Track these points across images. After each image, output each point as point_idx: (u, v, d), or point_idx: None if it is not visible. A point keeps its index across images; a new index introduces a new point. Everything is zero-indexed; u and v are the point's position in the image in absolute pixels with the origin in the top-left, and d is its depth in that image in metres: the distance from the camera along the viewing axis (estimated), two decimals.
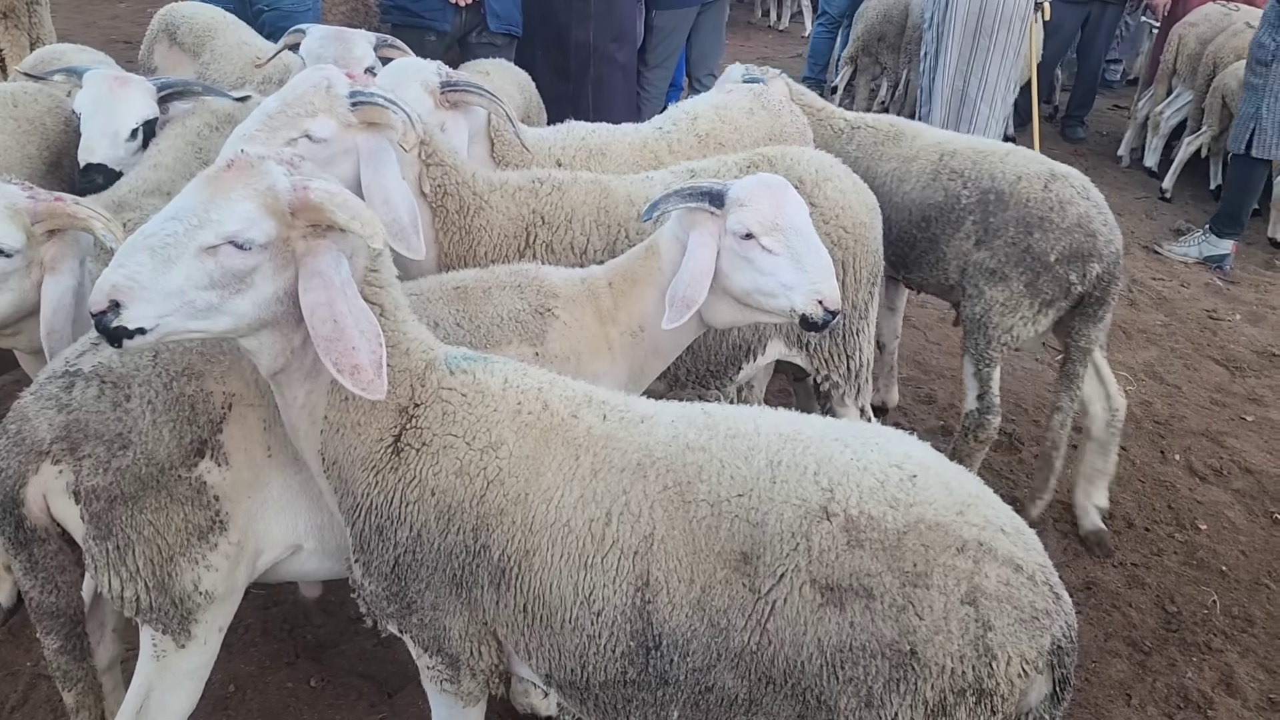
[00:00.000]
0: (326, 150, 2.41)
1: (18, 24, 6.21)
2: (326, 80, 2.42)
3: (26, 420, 1.97)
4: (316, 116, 2.39)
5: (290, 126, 2.37)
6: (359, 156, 2.44)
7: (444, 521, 1.87)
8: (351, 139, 2.44)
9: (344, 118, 2.42)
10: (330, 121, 2.40)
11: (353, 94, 2.43)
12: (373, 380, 1.76)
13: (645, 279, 2.47)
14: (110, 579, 2.01)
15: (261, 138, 2.34)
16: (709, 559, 1.72)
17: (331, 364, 1.74)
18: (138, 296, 1.69)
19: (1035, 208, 3.52)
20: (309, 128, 2.39)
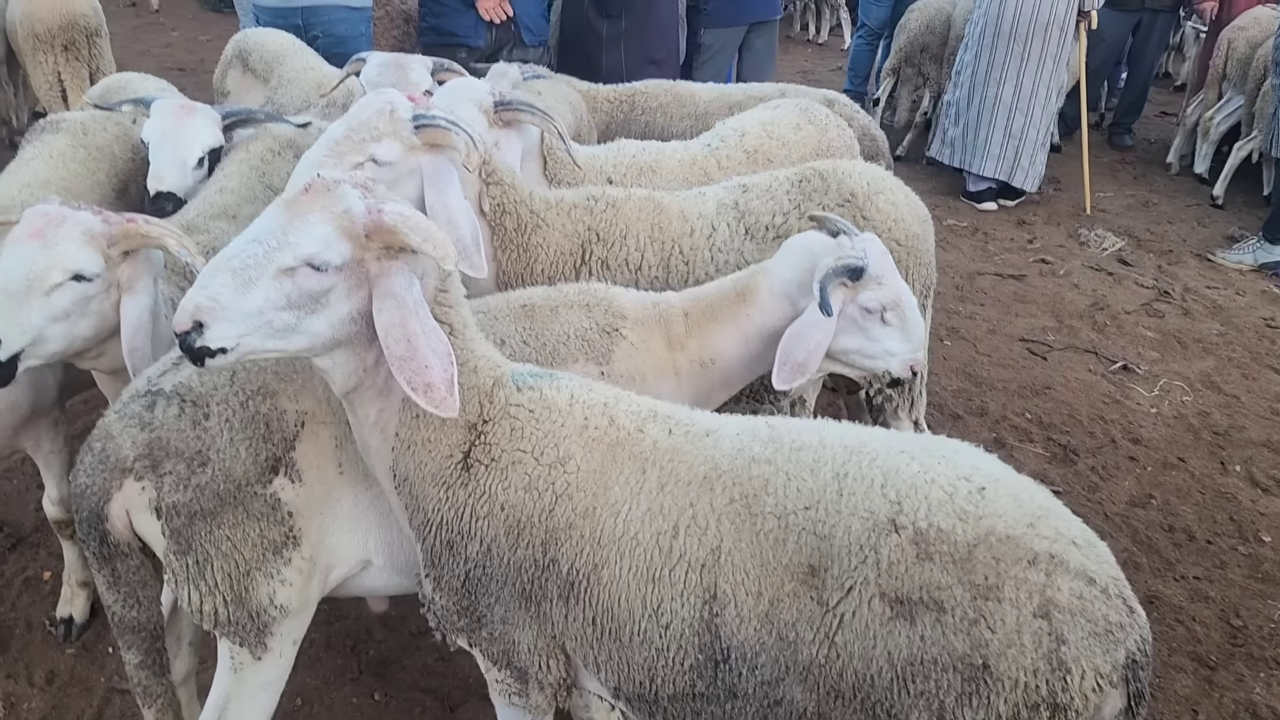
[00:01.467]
0: (392, 172, 2.46)
1: (79, 56, 6.42)
2: (390, 105, 2.48)
3: (111, 438, 2.04)
4: (381, 140, 2.45)
5: (356, 151, 2.43)
6: (422, 177, 2.49)
7: (513, 536, 1.90)
8: (415, 160, 2.49)
9: (408, 140, 2.48)
10: (395, 144, 2.46)
11: (415, 117, 2.49)
12: (445, 398, 1.80)
13: (729, 319, 2.51)
14: (190, 593, 2.07)
15: (329, 163, 2.40)
16: (776, 572, 1.73)
17: (405, 382, 1.78)
18: (219, 317, 1.74)
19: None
20: (374, 151, 2.45)
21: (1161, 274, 6.70)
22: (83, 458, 2.08)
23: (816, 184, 3.13)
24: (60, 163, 3.19)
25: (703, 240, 2.97)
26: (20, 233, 2.26)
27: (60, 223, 2.27)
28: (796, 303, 2.48)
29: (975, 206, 7.70)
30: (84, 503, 2.05)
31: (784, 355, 2.40)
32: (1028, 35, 6.93)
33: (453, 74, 3.84)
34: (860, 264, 2.43)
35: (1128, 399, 5.09)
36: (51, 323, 2.23)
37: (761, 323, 2.50)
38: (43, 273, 2.20)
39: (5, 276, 2.17)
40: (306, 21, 5.11)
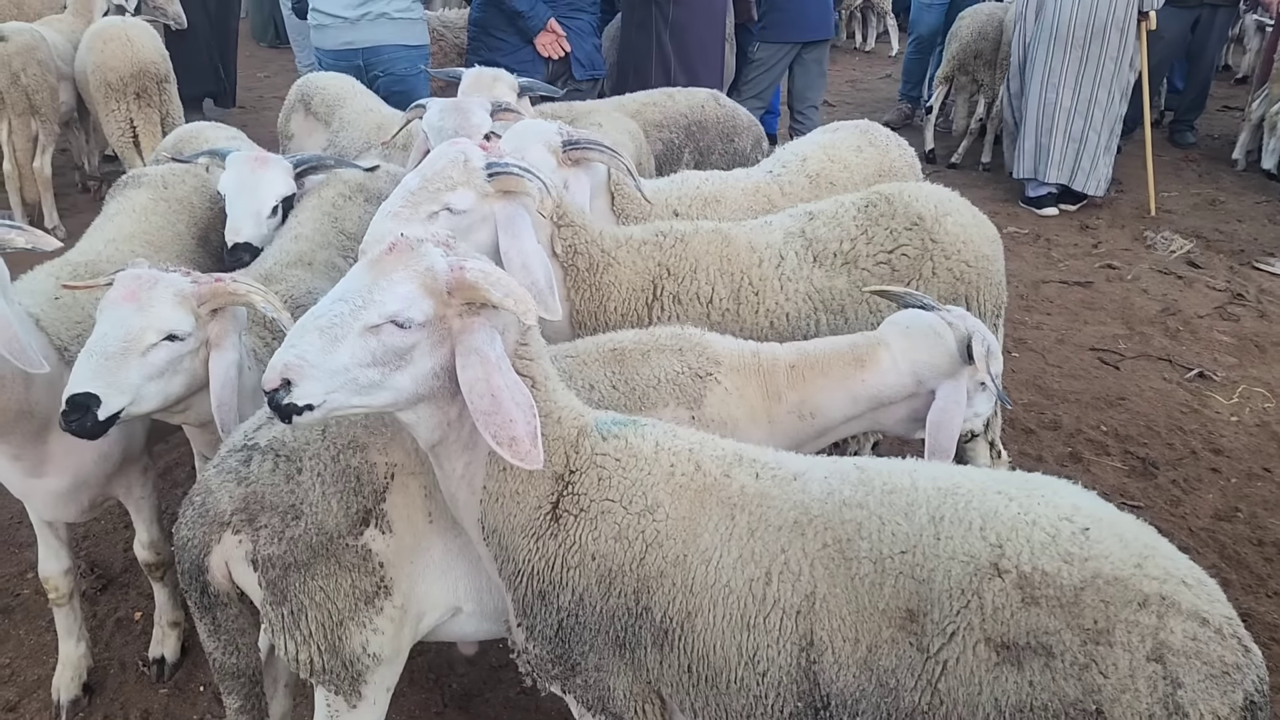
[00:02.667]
0: (466, 220, 2.50)
1: (150, 102, 6.64)
2: (463, 155, 2.53)
3: (210, 493, 2.09)
4: (456, 190, 2.49)
5: (431, 201, 2.48)
6: (496, 223, 2.53)
7: (605, 585, 1.91)
8: (489, 208, 2.53)
9: (481, 188, 2.52)
10: (469, 193, 2.50)
11: (489, 165, 2.53)
12: (530, 451, 1.81)
13: (839, 380, 2.55)
14: (286, 642, 2.11)
15: (405, 214, 2.45)
16: (873, 617, 1.72)
17: (491, 437, 1.80)
18: (306, 375, 1.78)
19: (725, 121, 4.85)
20: (449, 201, 2.49)
21: (1234, 275, 6.53)
22: (184, 511, 2.14)
23: (883, 209, 3.12)
24: (144, 216, 3.29)
25: (771, 270, 2.97)
26: (115, 296, 2.33)
27: (153, 285, 2.34)
28: (925, 382, 2.57)
29: (1036, 212, 7.59)
30: (185, 555, 2.11)
31: (935, 444, 2.50)
32: (1086, 38, 6.82)
33: (512, 114, 3.90)
34: (970, 347, 2.53)
35: (1206, 408, 4.97)
36: (147, 381, 2.31)
37: (876, 390, 2.56)
38: (139, 334, 2.28)
39: (105, 339, 2.25)
40: (367, 62, 5.22)
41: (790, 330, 2.95)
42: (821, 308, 2.99)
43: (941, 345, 2.59)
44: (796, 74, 6.88)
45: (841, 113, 10.59)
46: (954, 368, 2.58)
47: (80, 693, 3.15)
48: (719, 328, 2.83)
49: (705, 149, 4.82)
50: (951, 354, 2.58)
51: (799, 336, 2.95)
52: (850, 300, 3.02)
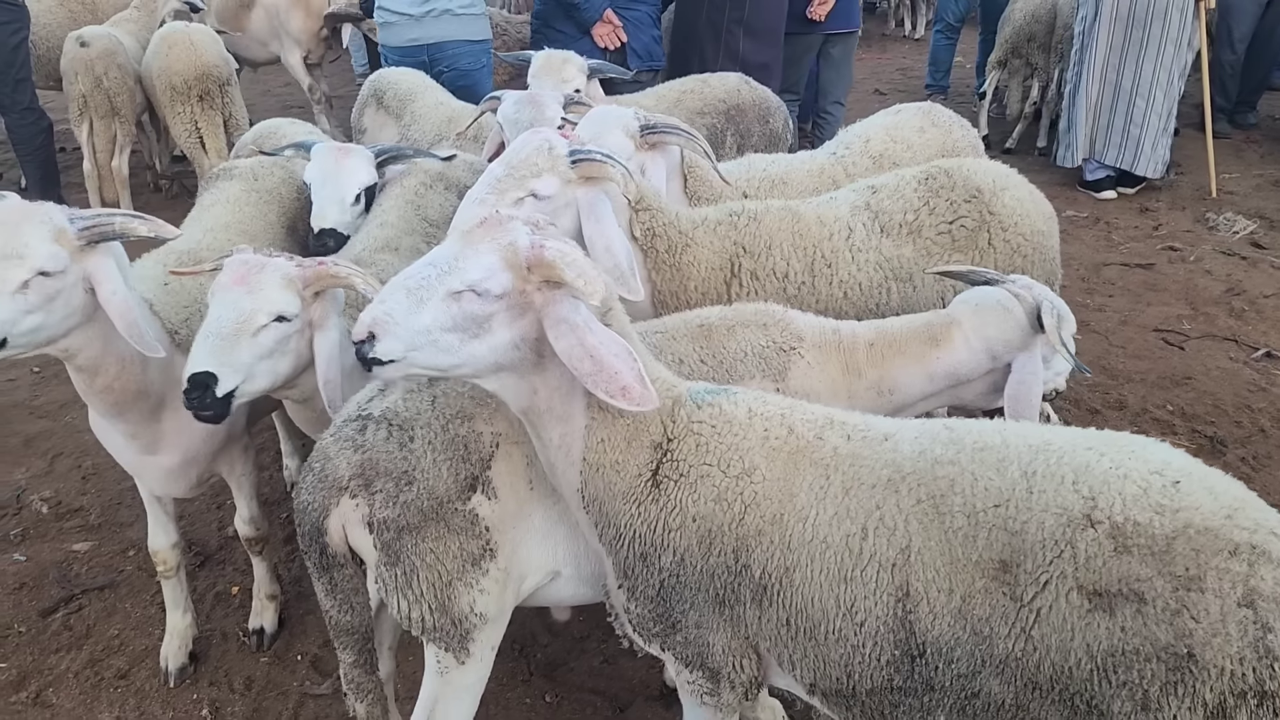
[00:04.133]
0: (550, 206, 2.61)
1: (213, 105, 6.87)
2: (548, 142, 2.64)
3: (329, 459, 2.23)
4: (540, 176, 2.60)
5: (517, 187, 2.59)
6: (578, 209, 2.64)
7: (705, 545, 2.00)
8: (572, 194, 2.64)
9: (565, 175, 2.63)
10: (553, 179, 2.61)
11: (572, 152, 2.64)
12: (643, 393, 1.91)
13: (916, 357, 2.64)
14: (399, 601, 2.23)
15: (491, 200, 2.57)
16: (967, 569, 1.78)
17: (604, 394, 1.89)
18: (390, 331, 1.90)
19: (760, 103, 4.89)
20: (534, 187, 2.60)
21: None
22: (304, 477, 2.27)
23: (942, 181, 3.19)
24: (237, 207, 3.45)
25: (842, 242, 3.05)
26: (226, 280, 2.47)
27: (261, 269, 2.48)
28: (1000, 357, 2.64)
29: (1094, 196, 7.55)
30: (305, 518, 2.24)
31: (1016, 413, 2.58)
32: (1146, 19, 6.77)
33: (584, 107, 4.01)
34: (1042, 318, 2.59)
35: (1274, 386, 4.94)
36: (258, 361, 2.45)
37: (951, 367, 2.64)
38: (250, 316, 2.42)
39: (219, 322, 2.39)
40: (432, 57, 5.36)
41: (864, 300, 3.03)
42: (891, 276, 3.07)
43: (1012, 319, 2.65)
44: (822, 68, 6.90)
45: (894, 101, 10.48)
46: (1027, 340, 2.64)
47: (187, 661, 3.33)
48: (796, 301, 2.92)
49: (744, 132, 4.90)
50: (1023, 326, 2.64)
51: (872, 306, 3.03)
52: (917, 269, 3.10)
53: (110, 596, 3.75)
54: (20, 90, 6.80)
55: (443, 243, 2.04)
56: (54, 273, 2.36)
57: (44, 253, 2.34)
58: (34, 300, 2.35)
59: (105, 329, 2.57)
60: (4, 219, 2.36)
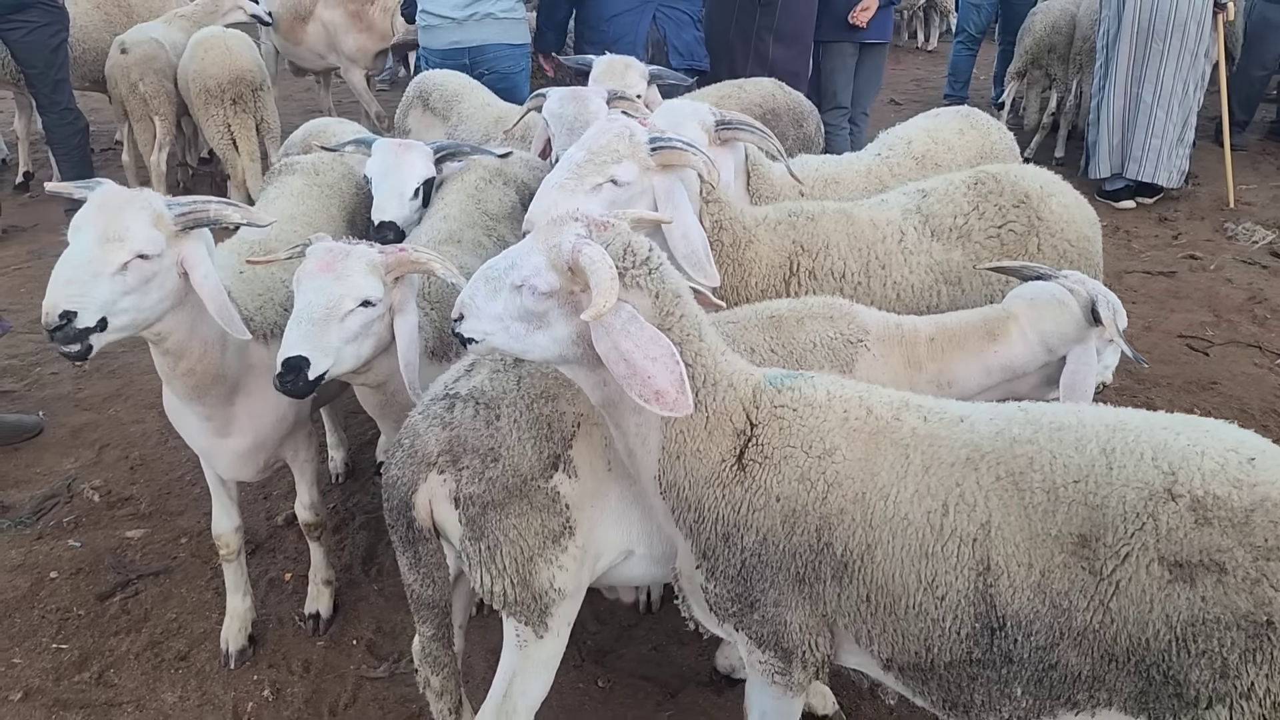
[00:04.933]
0: (627, 193, 2.69)
1: (245, 108, 7.01)
2: (628, 129, 2.72)
3: (418, 435, 2.31)
4: (621, 162, 2.68)
5: (597, 173, 2.67)
6: (654, 196, 2.72)
7: (789, 525, 2.06)
8: (648, 181, 2.72)
9: (644, 161, 2.71)
10: (633, 166, 2.69)
11: (653, 139, 2.72)
12: (677, 398, 1.93)
13: (974, 351, 2.72)
14: (482, 575, 2.31)
15: (571, 185, 2.65)
16: (1046, 543, 1.85)
17: (636, 396, 1.93)
18: (472, 313, 2.08)
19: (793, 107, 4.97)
20: (615, 173, 2.68)
21: None
22: (392, 453, 2.36)
23: (991, 186, 3.27)
24: (300, 200, 3.54)
25: (895, 245, 3.14)
26: (311, 268, 2.56)
27: (346, 256, 2.57)
28: (1055, 350, 2.72)
29: (1113, 205, 7.64)
30: (394, 493, 2.32)
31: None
32: (1166, 32, 6.89)
33: (626, 101, 4.10)
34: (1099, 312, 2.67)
35: None
36: (345, 344, 2.53)
37: (1008, 360, 2.72)
38: (338, 301, 2.51)
39: (309, 308, 2.48)
40: (473, 60, 5.46)
41: (915, 301, 3.11)
42: (941, 279, 3.16)
43: (1067, 313, 2.73)
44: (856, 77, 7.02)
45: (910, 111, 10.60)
46: (1082, 332, 2.72)
47: (246, 643, 3.40)
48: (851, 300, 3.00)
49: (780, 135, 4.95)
50: (1078, 319, 2.72)
51: (923, 308, 3.11)
52: (966, 272, 3.18)
53: (165, 582, 3.83)
54: (59, 91, 6.92)
55: (526, 238, 2.14)
56: (152, 256, 2.46)
57: (144, 236, 2.44)
58: (132, 282, 2.45)
59: (193, 313, 2.66)
60: (105, 203, 2.45)
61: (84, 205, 2.50)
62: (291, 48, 8.35)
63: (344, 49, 8.21)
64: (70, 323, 2.37)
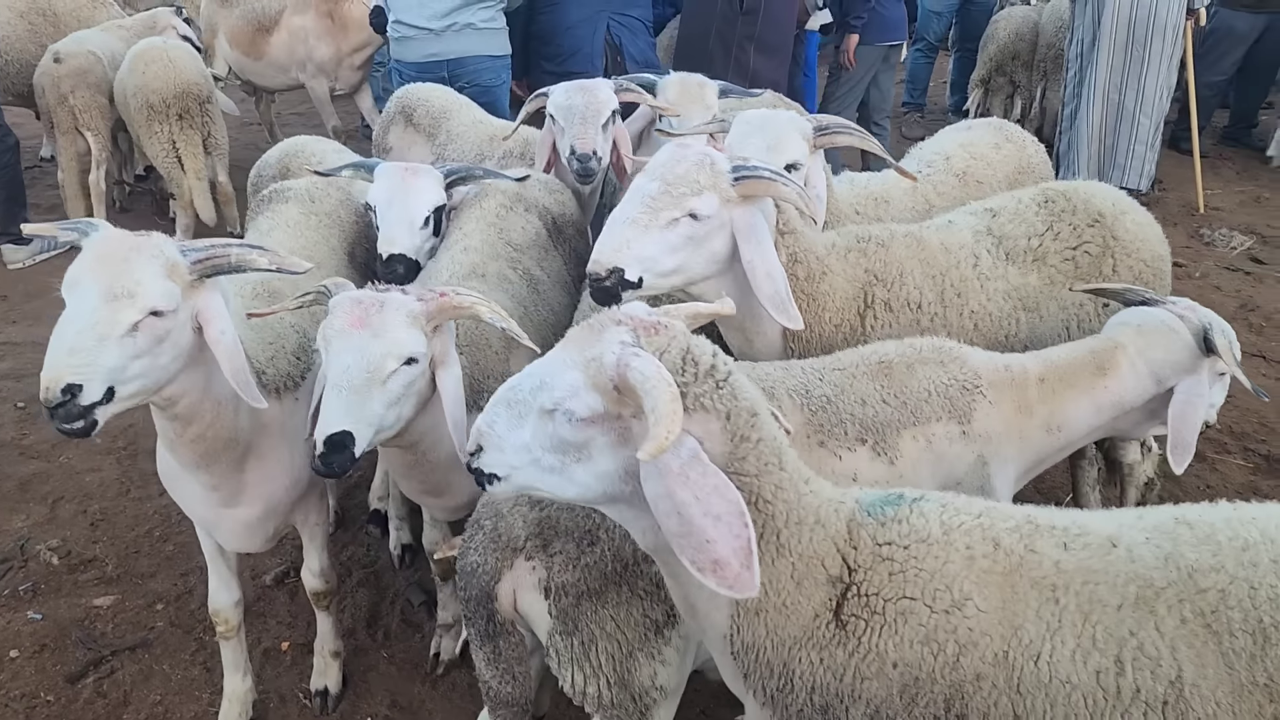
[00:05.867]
0: (705, 227, 2.40)
1: (192, 124, 6.58)
2: (707, 156, 2.42)
3: (501, 517, 2.00)
4: (702, 194, 2.37)
5: (674, 206, 2.37)
6: (733, 230, 2.43)
7: (909, 695, 1.69)
8: (727, 214, 2.43)
9: (725, 193, 2.41)
10: (714, 198, 2.39)
11: (735, 168, 2.42)
12: (740, 574, 1.53)
13: (1084, 389, 2.51)
14: (574, 675, 2.01)
15: (644, 220, 2.35)
16: (1254, 696, 1.58)
17: (689, 562, 1.55)
18: (493, 444, 1.69)
19: None
20: (694, 206, 2.37)
21: None
22: (472, 536, 2.05)
23: (1063, 205, 3.10)
24: (298, 231, 3.18)
25: (970, 270, 2.92)
26: (341, 324, 2.21)
27: (380, 308, 2.23)
28: (1165, 381, 2.53)
29: None
30: (474, 581, 2.01)
31: (1179, 441, 2.48)
32: (1146, 38, 6.86)
33: (631, 93, 3.84)
34: (1210, 340, 2.50)
35: None
36: (388, 409, 2.20)
37: (1119, 396, 2.52)
38: (380, 363, 2.17)
39: (348, 373, 2.14)
40: (452, 73, 5.13)
41: (993, 330, 2.89)
42: (1020, 306, 2.95)
43: (1179, 341, 2.55)
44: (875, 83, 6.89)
45: None
46: (1195, 362, 2.54)
47: None
48: (928, 333, 2.76)
49: None
50: (1191, 348, 2.53)
51: (1001, 338, 2.90)
52: (1043, 298, 2.99)
53: (144, 657, 3.41)
54: None
55: (556, 346, 1.75)
56: (166, 312, 2.08)
57: (157, 290, 2.07)
58: (143, 344, 2.07)
59: (206, 371, 2.30)
60: (110, 252, 2.07)
61: (80, 256, 2.12)
62: (251, 64, 7.71)
63: (317, 58, 7.59)
64: (75, 398, 1.98)
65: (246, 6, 7.56)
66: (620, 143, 3.77)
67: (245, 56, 7.69)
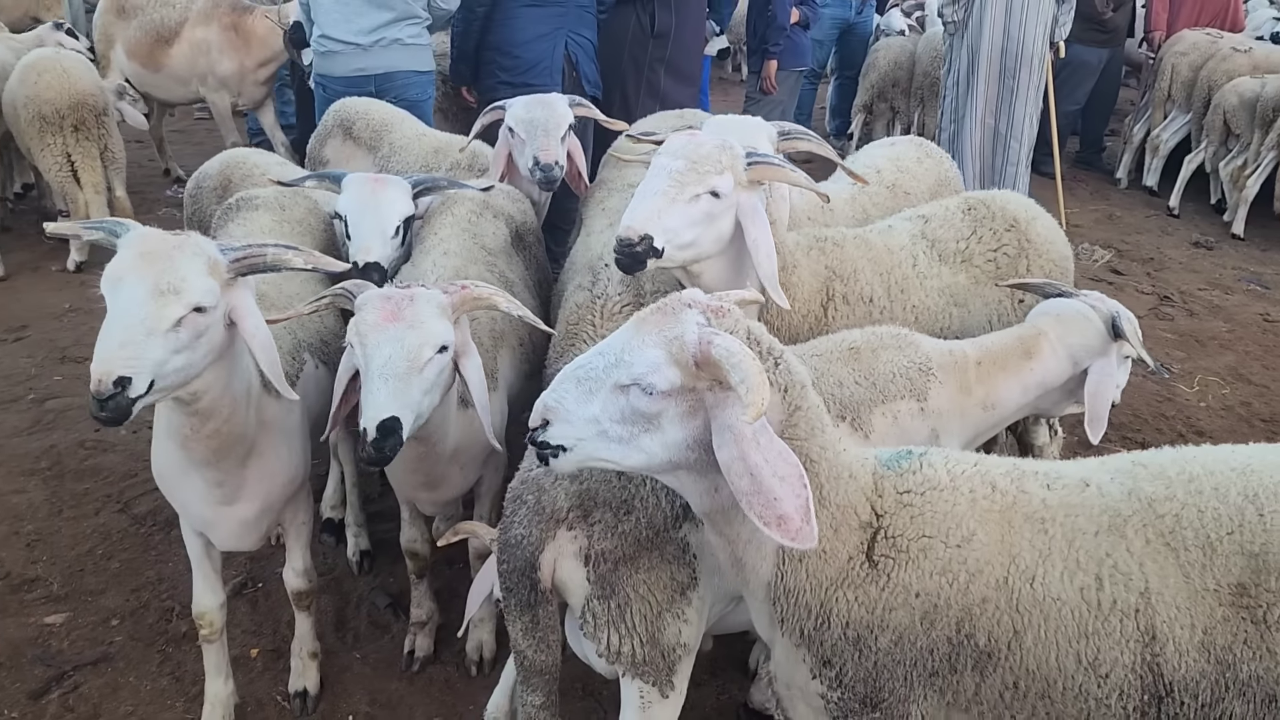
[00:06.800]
0: (722, 205, 2.63)
1: (89, 135, 6.43)
2: (726, 141, 2.66)
3: (544, 491, 2.14)
4: (724, 174, 2.60)
5: (698, 183, 2.58)
6: (737, 212, 2.67)
7: (928, 621, 1.91)
8: (736, 196, 2.66)
9: (739, 176, 2.65)
10: (730, 179, 2.62)
11: (749, 154, 2.68)
12: (801, 528, 1.71)
13: (1013, 371, 2.82)
14: (610, 636, 2.16)
15: (673, 193, 2.56)
16: (1206, 599, 1.83)
17: (757, 518, 1.72)
18: (561, 418, 1.82)
19: None
20: (715, 184, 2.59)
21: (1153, 280, 7.26)
22: (514, 511, 2.17)
23: (983, 212, 3.44)
24: (271, 239, 3.20)
25: (910, 270, 3.22)
26: (374, 319, 2.33)
27: (412, 301, 2.36)
28: (1080, 363, 2.86)
29: None
30: (518, 553, 2.14)
31: (1095, 415, 2.79)
32: (1016, 68, 7.46)
33: (584, 108, 4.04)
34: (1118, 325, 2.85)
35: (1176, 396, 5.53)
36: (423, 396, 2.32)
37: (1041, 377, 2.84)
38: (418, 351, 2.30)
39: (391, 363, 2.26)
40: (380, 88, 5.18)
41: (930, 324, 3.20)
42: (951, 302, 3.27)
43: (1092, 327, 2.91)
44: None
45: None
46: (1105, 345, 2.89)
47: None
48: (879, 324, 3.04)
49: None
50: (1102, 333, 2.89)
51: (936, 330, 3.21)
52: (970, 295, 3.32)
53: (107, 671, 3.36)
54: None
55: (621, 328, 1.89)
56: (209, 309, 2.16)
57: (201, 287, 2.15)
58: (185, 339, 2.15)
59: (229, 368, 2.37)
60: (154, 250, 2.14)
61: (120, 253, 2.17)
62: (149, 76, 7.49)
63: (220, 71, 7.43)
64: (125, 390, 2.04)
65: (145, 17, 7.38)
66: (575, 155, 3.95)
67: (143, 68, 7.48)
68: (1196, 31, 9.02)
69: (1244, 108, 7.97)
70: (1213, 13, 9.46)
